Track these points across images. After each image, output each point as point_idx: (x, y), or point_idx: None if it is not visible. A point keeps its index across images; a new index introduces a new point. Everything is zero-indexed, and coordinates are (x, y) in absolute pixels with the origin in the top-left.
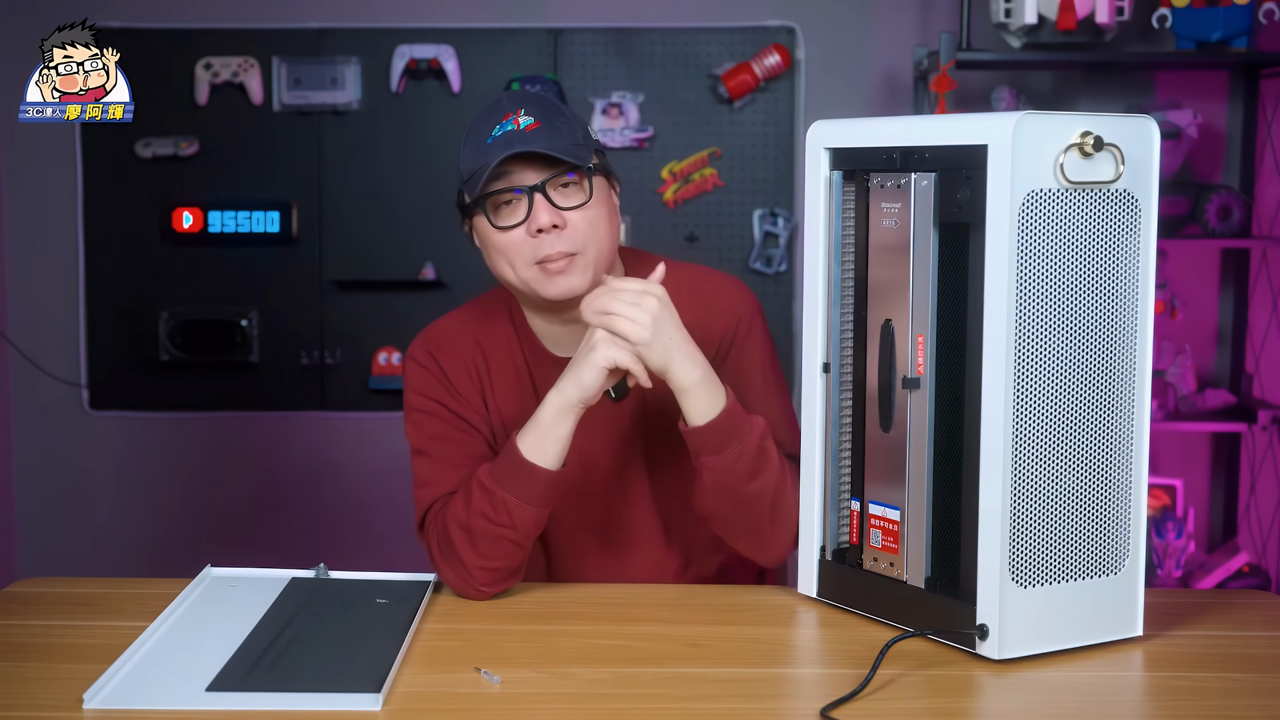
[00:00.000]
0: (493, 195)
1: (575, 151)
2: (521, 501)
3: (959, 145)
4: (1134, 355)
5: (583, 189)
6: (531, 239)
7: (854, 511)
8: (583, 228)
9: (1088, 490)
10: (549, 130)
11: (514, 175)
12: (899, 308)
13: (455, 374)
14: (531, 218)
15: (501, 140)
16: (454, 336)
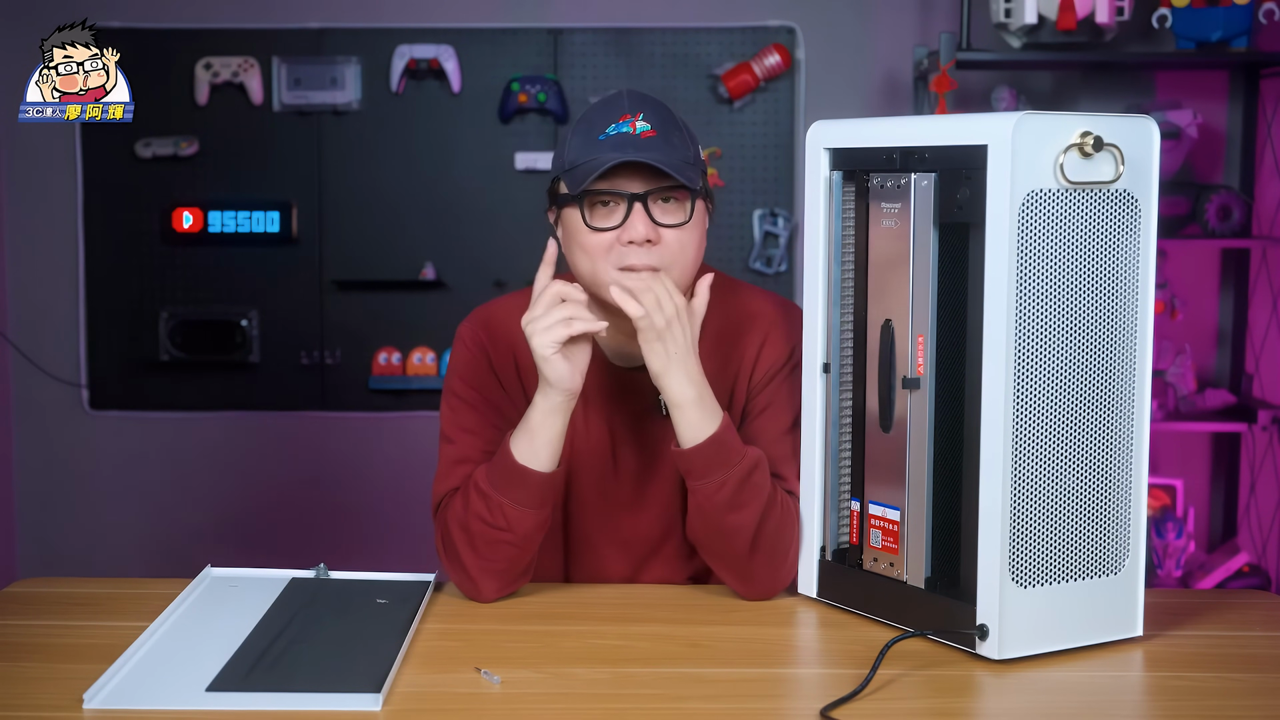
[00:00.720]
0: (593, 194)
1: (685, 170)
2: (517, 505)
3: (959, 145)
4: (1134, 355)
5: (684, 208)
6: (621, 246)
7: (854, 512)
8: (674, 247)
9: (1087, 490)
10: (664, 142)
11: (619, 179)
12: (899, 308)
13: (501, 364)
14: (627, 226)
15: (615, 141)
16: (508, 323)
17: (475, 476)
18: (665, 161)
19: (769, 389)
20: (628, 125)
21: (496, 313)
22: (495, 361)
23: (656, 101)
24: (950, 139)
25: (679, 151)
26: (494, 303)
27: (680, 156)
